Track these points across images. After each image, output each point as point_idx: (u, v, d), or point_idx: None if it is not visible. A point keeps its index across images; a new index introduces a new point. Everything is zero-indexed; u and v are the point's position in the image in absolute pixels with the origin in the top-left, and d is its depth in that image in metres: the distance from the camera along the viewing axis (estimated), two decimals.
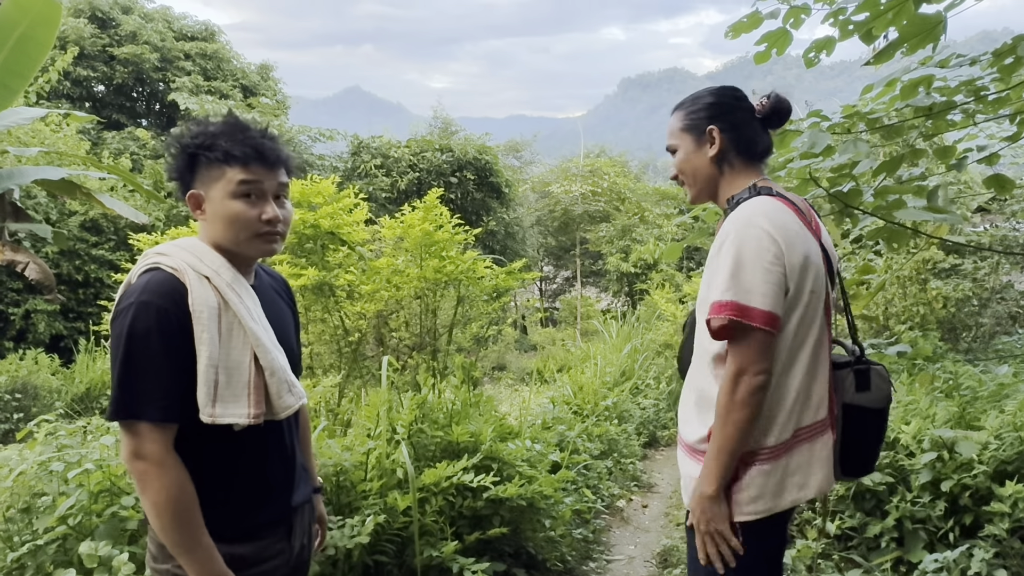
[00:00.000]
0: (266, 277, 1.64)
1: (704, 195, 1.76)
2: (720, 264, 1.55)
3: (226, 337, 1.40)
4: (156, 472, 1.34)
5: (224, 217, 1.44)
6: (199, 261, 1.43)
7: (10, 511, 2.49)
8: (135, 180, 8.14)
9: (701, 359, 1.67)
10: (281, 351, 1.49)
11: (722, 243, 1.56)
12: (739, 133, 1.69)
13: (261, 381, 1.43)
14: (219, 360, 1.38)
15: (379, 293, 5.41)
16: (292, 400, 1.48)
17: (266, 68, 20.97)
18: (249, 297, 1.47)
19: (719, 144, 1.69)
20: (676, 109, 1.78)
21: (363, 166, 16.55)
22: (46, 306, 10.50)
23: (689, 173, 1.74)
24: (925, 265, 8.27)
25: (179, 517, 1.36)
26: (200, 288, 1.39)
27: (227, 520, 1.45)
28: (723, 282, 1.52)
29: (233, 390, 1.39)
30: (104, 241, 11.81)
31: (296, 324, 1.71)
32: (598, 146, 25.88)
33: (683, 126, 1.74)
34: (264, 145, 1.46)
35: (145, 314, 1.35)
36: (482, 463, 3.07)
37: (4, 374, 6.48)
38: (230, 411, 1.39)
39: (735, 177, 1.70)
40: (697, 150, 1.72)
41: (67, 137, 11.55)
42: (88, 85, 18.10)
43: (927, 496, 3.15)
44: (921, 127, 2.93)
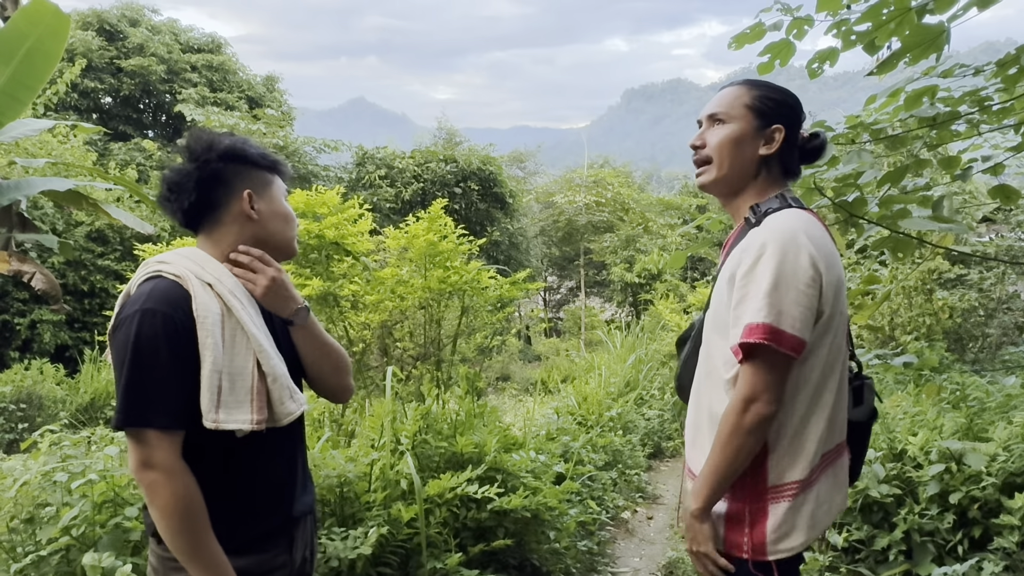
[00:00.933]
0: None
1: (725, 185, 1.59)
2: (755, 281, 1.41)
3: (229, 343, 1.41)
4: (165, 480, 1.33)
5: (285, 216, 1.60)
6: (201, 268, 1.44)
7: (14, 522, 2.49)
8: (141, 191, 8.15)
9: (714, 380, 1.54)
10: (281, 358, 1.49)
11: (758, 258, 1.42)
12: (791, 147, 1.58)
13: (264, 387, 1.43)
14: (223, 366, 1.39)
15: (383, 303, 5.41)
16: (294, 407, 1.48)
17: (272, 80, 21.12)
18: (251, 304, 1.49)
19: (776, 147, 1.55)
20: (745, 84, 1.60)
21: (368, 177, 16.61)
22: (51, 316, 10.54)
23: (728, 154, 1.55)
24: (931, 275, 8.24)
25: (189, 524, 1.36)
26: (204, 294, 1.40)
27: (228, 530, 1.44)
28: (759, 302, 1.39)
29: (236, 396, 1.40)
30: (110, 251, 11.86)
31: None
32: (602, 156, 25.94)
33: (751, 104, 1.55)
34: (284, 163, 1.65)
35: (151, 321, 1.35)
36: (486, 474, 3.06)
37: (9, 384, 6.49)
38: (233, 417, 1.39)
39: (765, 186, 1.57)
40: (753, 137, 1.55)
41: (74, 148, 11.64)
42: (95, 97, 18.26)
43: (935, 508, 3.12)
44: (925, 137, 2.93)
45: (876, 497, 3.24)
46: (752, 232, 1.49)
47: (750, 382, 1.40)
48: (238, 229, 1.52)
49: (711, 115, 1.58)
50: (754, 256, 1.42)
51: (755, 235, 1.46)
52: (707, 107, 1.60)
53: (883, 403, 4.34)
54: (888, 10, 2.42)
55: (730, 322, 1.45)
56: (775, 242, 1.41)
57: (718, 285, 1.55)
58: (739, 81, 1.62)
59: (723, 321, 1.49)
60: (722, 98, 1.58)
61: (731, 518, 1.51)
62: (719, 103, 1.58)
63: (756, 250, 1.43)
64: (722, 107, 1.57)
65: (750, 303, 1.40)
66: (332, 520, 2.73)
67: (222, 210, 1.51)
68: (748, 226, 1.52)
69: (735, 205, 1.60)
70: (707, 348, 1.58)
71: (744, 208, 1.57)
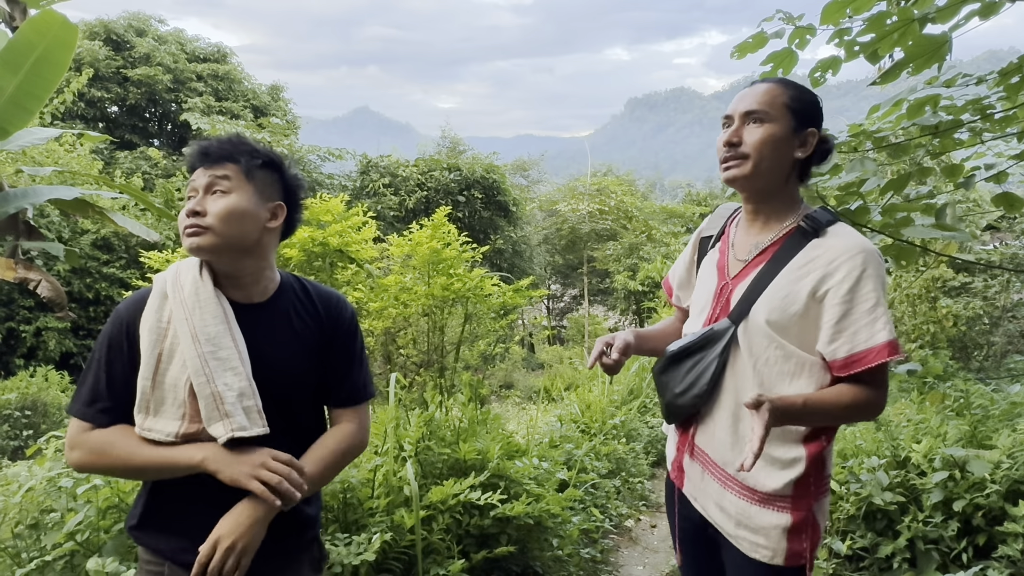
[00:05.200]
0: (296, 298, 1.54)
1: (758, 183, 1.51)
2: (866, 299, 1.40)
3: (168, 354, 1.40)
4: (81, 452, 1.39)
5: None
6: (174, 278, 1.45)
7: (19, 527, 2.50)
8: (147, 199, 8.18)
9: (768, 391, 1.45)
10: (240, 375, 1.38)
11: (861, 274, 1.40)
12: (816, 152, 1.54)
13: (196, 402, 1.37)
14: (156, 374, 1.39)
15: (387, 310, 5.42)
16: (220, 429, 1.35)
17: (276, 89, 21.25)
18: (208, 315, 1.39)
19: (810, 151, 1.52)
20: (780, 83, 1.53)
21: (372, 185, 16.67)
22: (57, 324, 10.58)
23: (768, 154, 1.48)
24: (935, 283, 8.23)
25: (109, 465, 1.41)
26: (154, 303, 1.43)
27: (179, 544, 1.42)
28: (882, 321, 1.39)
29: (166, 406, 1.39)
30: (115, 259, 11.91)
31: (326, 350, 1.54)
32: (605, 165, 26.02)
33: (792, 105, 1.50)
34: (211, 143, 1.44)
35: (110, 321, 1.46)
36: (489, 481, 3.05)
37: (14, 391, 6.52)
38: (158, 426, 1.38)
39: (792, 189, 1.55)
40: (790, 139, 1.50)
41: (81, 157, 11.71)
42: (102, 106, 18.38)
43: (939, 516, 3.11)
44: (928, 146, 2.93)
45: (880, 504, 3.23)
46: (823, 244, 1.46)
47: (877, 394, 1.43)
48: None
49: (749, 112, 1.50)
50: (856, 273, 1.40)
51: (837, 248, 1.44)
52: (741, 103, 1.52)
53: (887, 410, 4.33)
54: (891, 20, 2.43)
55: (824, 336, 1.42)
56: (871, 260, 1.42)
57: (783, 292, 1.46)
58: (772, 79, 1.56)
59: (788, 329, 1.45)
60: (760, 95, 1.50)
61: (796, 529, 1.47)
62: (758, 100, 1.50)
63: (854, 266, 1.41)
64: (762, 104, 1.49)
65: (869, 322, 1.39)
66: (335, 526, 2.73)
67: None
68: (804, 235, 1.48)
69: (759, 205, 1.56)
70: (758, 357, 1.48)
71: (768, 209, 1.55)
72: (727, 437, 1.51)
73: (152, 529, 1.45)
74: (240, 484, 1.32)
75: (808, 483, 1.46)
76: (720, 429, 1.53)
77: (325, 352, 1.54)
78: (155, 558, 1.44)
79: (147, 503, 1.46)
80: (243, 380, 1.38)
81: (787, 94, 1.50)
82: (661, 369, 1.63)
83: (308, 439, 1.51)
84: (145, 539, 1.46)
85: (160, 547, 1.44)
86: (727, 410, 1.51)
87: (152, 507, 1.45)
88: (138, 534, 1.47)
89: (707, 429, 1.56)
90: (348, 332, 1.57)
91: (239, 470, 1.33)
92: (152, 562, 1.45)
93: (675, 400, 1.59)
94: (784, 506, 1.46)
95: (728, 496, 1.52)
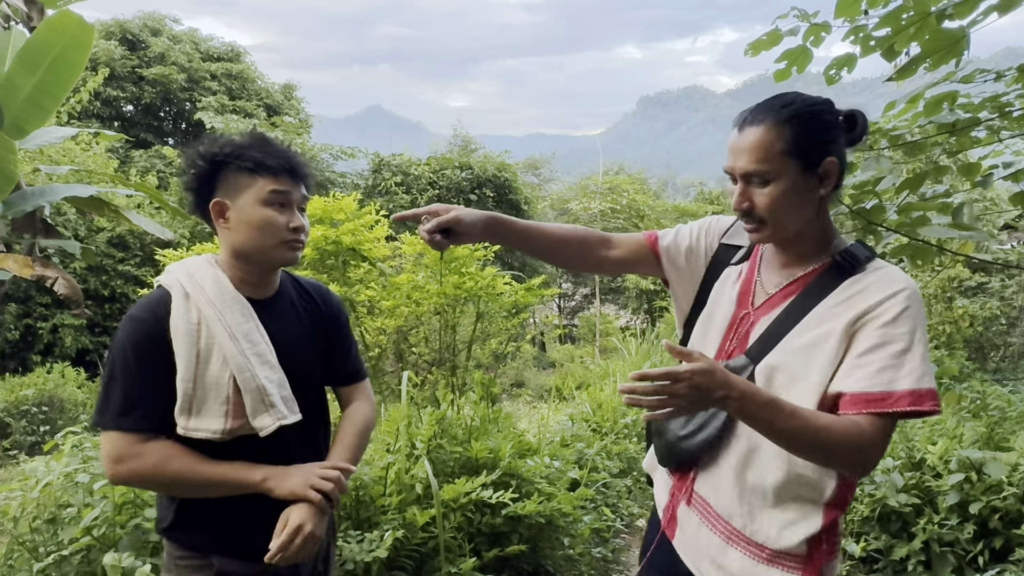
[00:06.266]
0: (292, 290, 1.63)
1: (786, 234, 1.34)
2: (900, 337, 1.23)
3: (204, 353, 1.42)
4: (135, 466, 1.39)
5: (253, 223, 1.47)
6: (189, 278, 1.47)
7: (36, 522, 2.53)
8: (161, 197, 8.29)
9: None
10: (274, 368, 1.47)
11: (900, 311, 1.24)
12: (844, 167, 1.32)
13: (240, 398, 1.42)
14: (196, 375, 1.41)
15: (399, 309, 5.44)
16: (268, 420, 1.43)
17: (289, 88, 21.35)
18: (237, 313, 1.46)
19: (834, 181, 1.31)
20: (771, 124, 1.27)
21: (384, 183, 16.73)
22: (73, 321, 10.70)
23: (784, 212, 1.29)
24: (951, 283, 8.14)
25: (167, 484, 1.43)
26: (181, 306, 1.43)
27: (224, 535, 1.46)
28: (915, 366, 1.21)
29: (210, 405, 1.41)
30: (130, 257, 12.03)
31: (326, 336, 1.65)
32: (617, 163, 25.94)
33: (792, 148, 1.27)
34: (292, 157, 1.52)
35: (127, 327, 1.42)
36: (501, 480, 3.06)
37: (32, 387, 6.60)
38: (204, 425, 1.41)
39: (825, 223, 1.36)
40: (805, 184, 1.29)
41: (96, 156, 11.84)
42: (117, 105, 18.56)
43: (955, 518, 3.08)
44: (945, 144, 2.90)
45: (894, 506, 3.20)
46: (863, 280, 1.29)
47: (870, 446, 1.20)
48: (223, 238, 1.53)
49: (747, 175, 1.30)
50: (895, 311, 1.24)
51: (879, 284, 1.27)
52: (736, 159, 1.31)
53: None
54: (907, 15, 2.40)
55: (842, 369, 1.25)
56: (914, 300, 1.26)
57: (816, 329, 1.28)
58: (760, 118, 1.29)
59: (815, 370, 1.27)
60: (753, 152, 1.28)
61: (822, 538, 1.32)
62: (751, 157, 1.28)
63: (895, 303, 1.25)
64: (757, 163, 1.28)
65: (895, 364, 1.21)
66: (348, 523, 2.74)
67: (210, 218, 1.52)
68: (840, 271, 1.32)
69: (788, 245, 1.39)
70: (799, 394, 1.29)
71: (800, 246, 1.37)
72: (733, 486, 1.35)
73: (191, 526, 1.47)
74: (298, 496, 1.42)
75: (821, 542, 1.32)
76: (726, 477, 1.37)
77: (327, 338, 1.65)
78: (196, 554, 1.46)
79: (180, 503, 1.47)
80: (278, 372, 1.48)
81: (782, 138, 1.27)
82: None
83: (322, 418, 1.64)
84: (183, 537, 1.48)
85: (203, 542, 1.47)
86: (736, 456, 1.35)
87: (186, 506, 1.47)
88: (175, 534, 1.48)
89: (711, 476, 1.39)
90: (342, 317, 1.71)
91: (296, 482, 1.43)
92: (192, 557, 1.46)
93: (679, 444, 1.41)
94: (795, 566, 1.31)
95: (732, 552, 1.36)
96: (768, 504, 1.33)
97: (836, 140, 1.31)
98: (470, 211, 1.47)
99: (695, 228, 1.58)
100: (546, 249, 1.58)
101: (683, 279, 1.56)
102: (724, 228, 1.55)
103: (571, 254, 1.58)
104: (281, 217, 1.47)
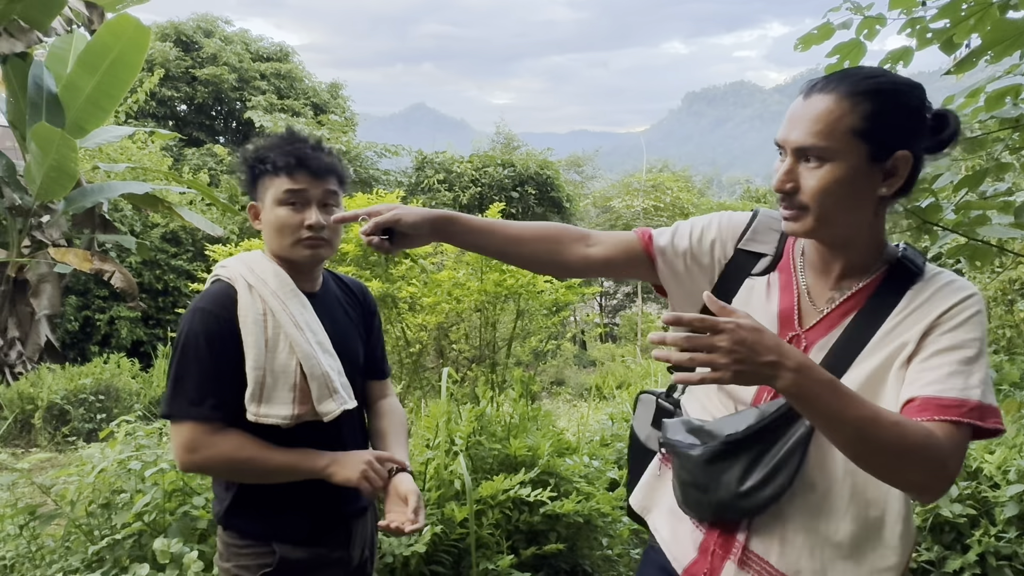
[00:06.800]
0: (335, 286, 1.69)
1: (828, 233, 1.16)
2: (970, 344, 1.09)
3: (272, 342, 1.47)
4: (208, 454, 1.44)
5: (271, 224, 1.52)
6: (250, 271, 1.52)
7: (91, 506, 2.63)
8: (212, 194, 8.50)
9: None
10: (334, 356, 1.54)
11: (970, 316, 1.11)
12: (918, 171, 1.13)
13: (306, 384, 1.48)
14: (265, 363, 1.46)
15: (440, 305, 5.48)
16: (332, 405, 1.51)
17: (336, 87, 21.71)
18: (297, 304, 1.52)
19: (900, 183, 1.11)
20: (846, 94, 1.08)
21: (426, 181, 16.87)
22: (128, 313, 11.08)
23: (833, 204, 1.10)
24: (1012, 285, 7.80)
25: (240, 472, 1.48)
26: (247, 297, 1.48)
27: (281, 521, 1.51)
28: (983, 378, 1.07)
29: (279, 392, 1.47)
30: (182, 252, 12.41)
31: (367, 330, 1.74)
32: (661, 160, 25.63)
33: (861, 129, 1.07)
34: (307, 154, 1.51)
35: (197, 319, 1.47)
36: (539, 478, 3.05)
37: (89, 377, 6.86)
38: (274, 411, 1.46)
39: (878, 231, 1.18)
40: (867, 176, 1.09)
41: (151, 154, 12.24)
42: (172, 104, 19.16)
43: (1013, 531, 2.95)
44: (1007, 139, 2.78)
45: (948, 517, 3.08)
46: (929, 287, 1.15)
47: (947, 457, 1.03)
48: (264, 236, 1.58)
49: (800, 148, 1.10)
50: (966, 315, 1.11)
51: (948, 290, 1.13)
52: (792, 129, 1.12)
53: None
54: (968, 6, 2.31)
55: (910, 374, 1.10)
56: (982, 307, 1.14)
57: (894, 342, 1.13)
58: (833, 86, 1.09)
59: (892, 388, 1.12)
60: (814, 119, 1.08)
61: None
62: (811, 129, 1.08)
63: (966, 307, 1.12)
64: (818, 137, 1.08)
65: (966, 372, 1.07)
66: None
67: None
68: (902, 280, 1.17)
69: (835, 251, 1.20)
70: None
71: (848, 254, 1.19)
72: (804, 541, 1.16)
73: (251, 513, 1.52)
74: (351, 483, 1.49)
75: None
76: (794, 530, 1.16)
77: (367, 331, 1.73)
78: (256, 542, 1.50)
79: (238, 490, 1.52)
80: (337, 360, 1.54)
81: (856, 112, 1.06)
82: (711, 457, 1.18)
83: (363, 408, 1.71)
84: (243, 525, 1.52)
85: (262, 530, 1.51)
86: (808, 504, 1.16)
87: (244, 493, 1.52)
88: (234, 521, 1.53)
89: (773, 530, 1.18)
90: (378, 315, 1.80)
91: (352, 470, 1.49)
92: (253, 545, 1.50)
93: (739, 502, 1.16)
94: None
95: None
96: (842, 555, 1.15)
97: (917, 135, 1.10)
98: (414, 210, 1.31)
99: (697, 227, 1.34)
100: (507, 248, 1.35)
101: (684, 288, 1.32)
102: (739, 230, 1.31)
103: (538, 252, 1.35)
104: (296, 216, 1.49)
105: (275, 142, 1.53)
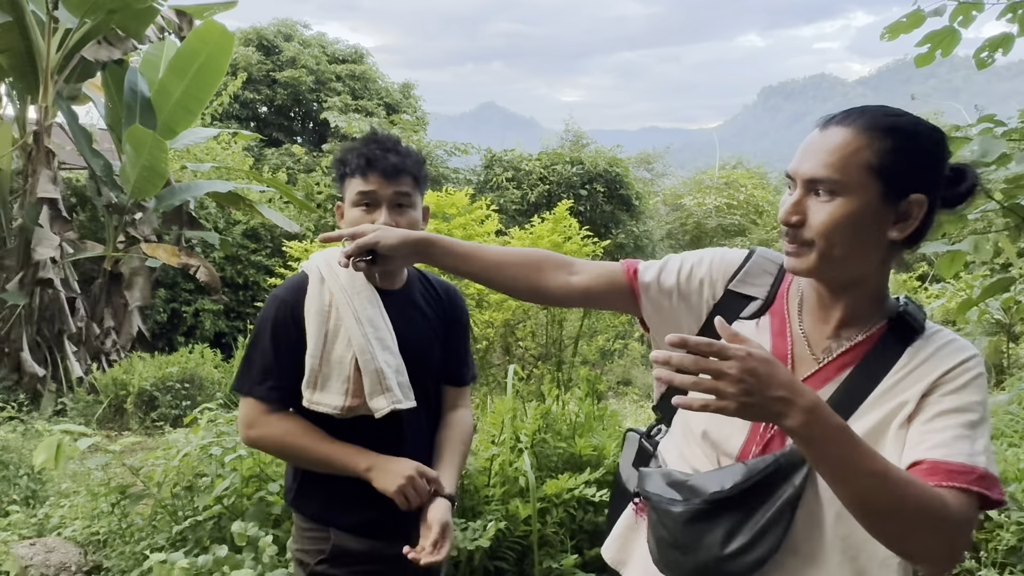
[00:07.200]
0: (420, 286, 1.71)
1: (831, 274, 1.09)
2: (973, 408, 1.03)
3: (332, 333, 1.52)
4: (257, 435, 1.54)
5: (348, 224, 1.56)
6: (327, 265, 1.58)
7: (176, 488, 2.78)
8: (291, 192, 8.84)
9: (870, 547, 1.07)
10: (394, 354, 1.55)
11: (972, 378, 1.05)
12: (931, 221, 1.07)
13: (360, 378, 1.52)
14: (323, 353, 1.51)
15: (507, 302, 5.50)
16: (383, 402, 1.52)
17: (408, 87, 22.12)
18: (364, 299, 1.55)
19: (913, 227, 1.05)
20: (863, 128, 1.04)
21: (495, 179, 16.97)
22: (212, 306, 11.62)
23: (840, 243, 1.04)
24: None
25: (291, 455, 1.56)
26: (316, 288, 1.55)
27: (340, 509, 1.56)
28: (986, 445, 1.01)
29: (333, 382, 1.52)
30: (262, 248, 12.92)
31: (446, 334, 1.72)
32: (734, 157, 24.89)
33: (877, 165, 1.02)
34: (377, 155, 1.54)
35: (270, 305, 1.57)
36: (604, 478, 3.02)
37: (176, 365, 7.25)
38: (326, 400, 1.52)
39: (885, 271, 1.12)
40: (879, 215, 1.04)
41: (234, 154, 12.80)
42: (253, 106, 19.98)
43: None
44: None
45: None
46: (929, 346, 1.09)
47: (969, 525, 0.98)
48: None
49: (812, 180, 1.05)
50: (968, 377, 1.06)
51: (948, 349, 1.08)
52: (804, 160, 1.07)
53: None
54: None
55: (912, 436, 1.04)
56: (983, 369, 1.08)
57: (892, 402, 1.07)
58: (851, 120, 1.05)
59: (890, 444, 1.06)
60: (829, 150, 1.04)
61: None
62: (824, 160, 1.03)
63: (968, 368, 1.06)
64: (830, 169, 1.03)
65: (971, 436, 1.01)
66: (454, 511, 2.81)
67: None
68: (901, 336, 1.11)
69: (836, 295, 1.13)
70: None
71: (850, 300, 1.12)
72: None
73: (312, 498, 1.59)
74: (388, 493, 1.50)
75: None
76: None
77: (446, 335, 1.70)
78: (317, 525, 1.58)
79: (303, 475, 1.60)
80: (398, 358, 1.56)
81: (873, 148, 1.02)
82: (692, 517, 1.09)
83: (436, 411, 1.71)
84: (306, 508, 1.60)
85: (321, 514, 1.58)
86: (792, 568, 1.09)
87: (307, 478, 1.59)
88: (300, 503, 1.62)
89: None
90: (464, 320, 1.77)
91: (391, 481, 1.50)
92: (314, 529, 1.58)
93: (722, 565, 1.08)
94: None
95: None
96: None
97: (934, 181, 1.05)
98: (394, 232, 1.28)
99: (687, 264, 1.28)
100: (488, 273, 1.32)
101: (667, 326, 1.24)
102: (731, 270, 1.25)
103: (519, 277, 1.31)
104: (367, 217, 1.53)
105: (356, 144, 1.59)
